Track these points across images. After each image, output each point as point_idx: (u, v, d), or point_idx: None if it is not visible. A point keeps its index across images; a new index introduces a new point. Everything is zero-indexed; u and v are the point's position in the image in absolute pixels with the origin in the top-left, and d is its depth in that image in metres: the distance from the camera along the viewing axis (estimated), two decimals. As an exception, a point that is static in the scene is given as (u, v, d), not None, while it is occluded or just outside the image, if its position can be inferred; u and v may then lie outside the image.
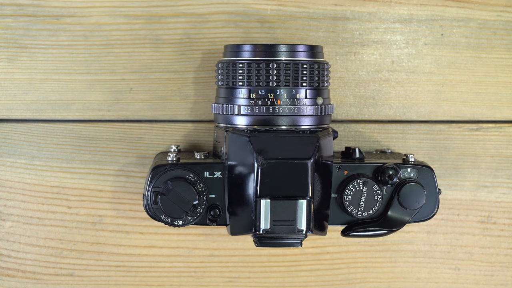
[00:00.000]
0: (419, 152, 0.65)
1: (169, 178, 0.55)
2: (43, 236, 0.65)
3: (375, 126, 0.65)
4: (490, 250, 0.67)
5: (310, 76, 0.56)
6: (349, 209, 0.56)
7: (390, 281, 0.67)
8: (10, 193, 0.64)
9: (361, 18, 0.64)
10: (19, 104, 0.64)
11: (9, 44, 0.63)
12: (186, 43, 0.63)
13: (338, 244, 0.66)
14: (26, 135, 0.64)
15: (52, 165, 0.64)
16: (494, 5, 0.64)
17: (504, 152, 0.66)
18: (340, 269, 0.67)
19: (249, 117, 0.55)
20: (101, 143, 0.64)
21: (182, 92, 0.64)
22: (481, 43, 0.65)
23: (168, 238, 0.65)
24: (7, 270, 0.65)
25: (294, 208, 0.54)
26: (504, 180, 0.66)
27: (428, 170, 0.58)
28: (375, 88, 0.65)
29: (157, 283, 0.66)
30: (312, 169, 0.54)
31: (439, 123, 0.66)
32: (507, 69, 0.65)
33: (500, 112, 0.66)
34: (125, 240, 0.65)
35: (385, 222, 0.57)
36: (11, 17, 0.63)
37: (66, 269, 0.65)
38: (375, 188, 0.56)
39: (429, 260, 0.67)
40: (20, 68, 0.63)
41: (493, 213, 0.66)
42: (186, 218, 0.55)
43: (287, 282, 0.67)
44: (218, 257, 0.66)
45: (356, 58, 0.65)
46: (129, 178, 0.64)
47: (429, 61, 0.65)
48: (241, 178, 0.54)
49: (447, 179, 0.66)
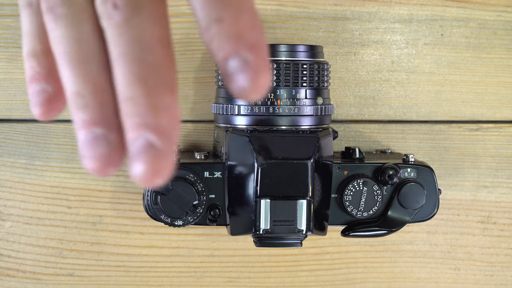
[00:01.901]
0: (419, 152, 0.65)
1: (169, 178, 0.55)
2: (43, 236, 0.65)
3: (375, 126, 0.65)
4: (490, 250, 0.67)
5: (310, 76, 0.56)
6: (349, 209, 0.56)
7: (390, 281, 0.67)
8: (10, 193, 0.64)
9: (361, 18, 0.64)
10: (19, 104, 0.64)
11: (9, 44, 0.63)
12: (186, 43, 0.63)
13: (338, 244, 0.66)
14: (26, 135, 0.64)
15: (52, 165, 0.64)
16: (494, 5, 0.64)
17: (504, 152, 0.66)
18: (340, 269, 0.67)
19: (249, 117, 0.55)
20: (101, 143, 0.64)
21: (182, 92, 0.64)
22: (481, 43, 0.65)
23: (168, 238, 0.65)
24: (7, 270, 0.65)
25: (294, 208, 0.54)
26: (504, 180, 0.66)
27: (428, 170, 0.58)
28: (375, 88, 0.65)
29: (157, 283, 0.66)
30: (312, 169, 0.54)
31: (439, 123, 0.66)
32: (507, 69, 0.65)
33: (500, 112, 0.66)
34: (125, 240, 0.65)
35: (385, 222, 0.57)
36: (11, 17, 0.63)
37: (66, 269, 0.65)
38: (375, 188, 0.56)
39: (429, 260, 0.67)
40: (20, 68, 0.63)
41: (493, 213, 0.66)
42: (186, 218, 0.55)
43: (287, 282, 0.66)
44: (218, 257, 0.66)
45: (356, 58, 0.65)
46: (129, 178, 0.64)
47: (429, 61, 0.65)
48: (241, 178, 0.54)
49: (447, 179, 0.66)
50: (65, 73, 0.31)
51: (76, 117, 0.30)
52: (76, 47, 0.31)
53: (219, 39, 0.29)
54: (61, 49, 0.31)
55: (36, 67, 0.33)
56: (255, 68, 0.29)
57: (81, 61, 0.31)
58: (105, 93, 0.31)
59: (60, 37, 0.31)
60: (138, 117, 0.29)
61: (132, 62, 0.29)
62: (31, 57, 0.33)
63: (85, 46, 0.31)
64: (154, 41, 0.30)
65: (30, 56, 0.33)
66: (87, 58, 0.31)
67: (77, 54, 0.31)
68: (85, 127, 0.30)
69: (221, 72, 0.30)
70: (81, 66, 0.31)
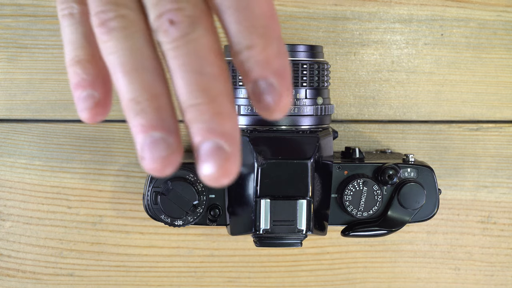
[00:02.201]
0: (419, 152, 0.65)
1: (169, 178, 0.55)
2: (43, 236, 0.65)
3: (375, 126, 0.65)
4: (490, 250, 0.67)
5: (310, 76, 0.56)
6: (349, 209, 0.56)
7: (390, 281, 0.67)
8: (10, 193, 0.64)
9: (361, 18, 0.64)
10: (19, 104, 0.64)
11: (9, 44, 0.63)
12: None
13: (338, 244, 0.66)
14: (26, 135, 0.64)
15: (52, 165, 0.64)
16: (494, 5, 0.64)
17: (504, 152, 0.66)
18: (340, 269, 0.67)
19: (249, 117, 0.55)
20: (101, 143, 0.64)
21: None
22: (481, 43, 0.65)
23: (168, 238, 0.65)
24: (7, 270, 0.65)
25: (294, 208, 0.54)
26: (504, 180, 0.66)
27: (428, 170, 0.58)
28: (375, 88, 0.65)
29: (157, 283, 0.66)
30: (312, 169, 0.54)
31: (439, 123, 0.66)
32: (507, 69, 0.65)
33: (500, 112, 0.66)
34: (125, 240, 0.65)
35: (385, 222, 0.57)
36: (11, 17, 0.63)
37: (66, 269, 0.65)
38: (375, 188, 0.56)
39: (429, 260, 0.67)
40: (20, 68, 0.63)
41: (493, 213, 0.66)
42: (186, 218, 0.55)
43: (287, 282, 0.66)
44: (218, 257, 0.66)
45: (356, 58, 0.65)
46: (129, 178, 0.65)
47: (429, 61, 0.65)
48: (241, 178, 0.54)
49: (447, 179, 0.66)
50: (120, 82, 0.33)
51: (133, 122, 0.33)
52: (130, 57, 0.33)
53: (249, 64, 0.33)
54: (115, 60, 0.33)
55: (82, 73, 0.35)
56: (279, 92, 0.33)
57: (136, 70, 0.33)
58: (161, 99, 0.33)
59: (113, 48, 0.33)
60: (205, 123, 0.32)
61: (192, 73, 0.32)
62: (76, 64, 0.35)
63: (139, 56, 0.33)
64: (210, 52, 0.33)
65: (75, 63, 0.35)
66: (142, 67, 0.33)
67: (132, 64, 0.33)
68: (143, 131, 0.33)
69: (248, 92, 0.33)
70: (136, 75, 0.33)
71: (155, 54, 0.34)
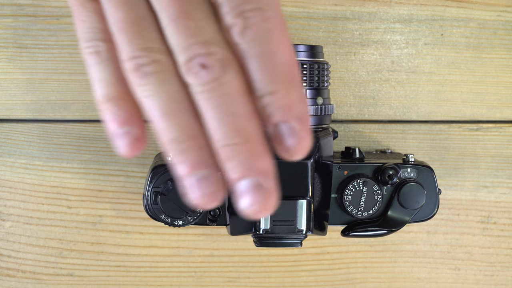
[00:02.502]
0: (419, 152, 0.65)
1: (169, 178, 0.55)
2: (43, 236, 0.65)
3: (375, 126, 0.65)
4: (490, 250, 0.67)
5: (310, 76, 0.56)
6: (349, 209, 0.56)
7: (390, 281, 0.67)
8: (10, 193, 0.64)
9: (361, 18, 0.64)
10: (19, 104, 0.64)
11: (9, 44, 0.63)
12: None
13: (338, 244, 0.66)
14: (26, 135, 0.64)
15: (52, 165, 0.64)
16: (494, 5, 0.64)
17: (504, 152, 0.66)
18: (340, 269, 0.67)
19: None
20: (101, 143, 0.64)
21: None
22: (481, 43, 0.65)
23: (168, 238, 0.65)
24: (7, 270, 0.65)
25: (294, 208, 0.54)
26: (504, 180, 0.66)
27: (428, 170, 0.58)
28: (375, 88, 0.65)
29: (157, 283, 0.66)
30: (312, 169, 0.54)
31: (439, 123, 0.66)
32: (507, 69, 0.65)
33: (500, 112, 0.66)
34: (125, 240, 0.65)
35: (385, 222, 0.57)
36: (11, 17, 0.63)
37: (66, 269, 0.65)
38: (375, 188, 0.56)
39: (429, 260, 0.67)
40: (20, 68, 0.63)
41: (493, 213, 0.66)
42: (186, 218, 0.55)
43: (287, 282, 0.66)
44: (218, 257, 0.66)
45: (356, 58, 0.65)
46: (129, 178, 0.64)
47: (429, 61, 0.65)
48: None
49: (447, 179, 0.66)
50: (159, 124, 0.35)
51: (177, 160, 0.35)
52: (167, 100, 0.35)
53: (271, 108, 0.35)
54: (152, 102, 0.35)
55: (117, 111, 0.36)
56: (300, 135, 0.35)
57: (173, 112, 0.35)
58: (200, 138, 0.35)
59: (150, 92, 0.35)
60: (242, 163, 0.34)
61: (226, 115, 0.34)
62: (109, 101, 0.37)
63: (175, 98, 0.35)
64: (241, 93, 0.35)
65: (108, 100, 0.37)
66: (178, 110, 0.35)
67: (169, 107, 0.35)
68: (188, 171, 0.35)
69: (271, 134, 0.35)
70: (174, 117, 0.35)
71: (188, 95, 0.35)
